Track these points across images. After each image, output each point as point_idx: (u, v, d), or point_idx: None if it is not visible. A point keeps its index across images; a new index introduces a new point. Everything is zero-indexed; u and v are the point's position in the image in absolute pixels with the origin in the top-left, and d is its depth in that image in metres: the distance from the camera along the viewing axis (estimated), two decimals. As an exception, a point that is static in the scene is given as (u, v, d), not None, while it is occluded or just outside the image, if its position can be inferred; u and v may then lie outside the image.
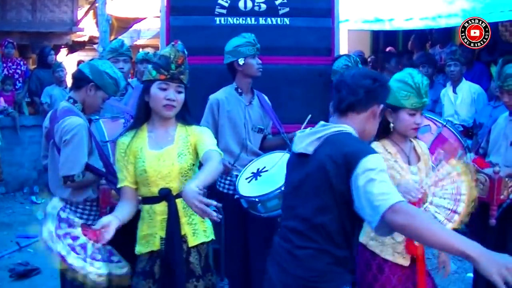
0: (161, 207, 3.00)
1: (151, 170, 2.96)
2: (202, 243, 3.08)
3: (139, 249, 3.09)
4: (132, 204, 3.07)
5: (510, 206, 3.88)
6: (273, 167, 4.08)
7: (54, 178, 3.57)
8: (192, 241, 3.04)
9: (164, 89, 2.96)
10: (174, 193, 2.98)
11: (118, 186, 3.11)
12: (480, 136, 5.33)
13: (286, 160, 4.06)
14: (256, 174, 4.17)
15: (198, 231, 3.06)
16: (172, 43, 3.04)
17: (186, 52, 3.02)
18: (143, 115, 3.07)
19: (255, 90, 4.53)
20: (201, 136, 3.04)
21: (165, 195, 2.98)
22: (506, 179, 3.83)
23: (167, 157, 2.98)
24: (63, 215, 3.20)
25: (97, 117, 4.37)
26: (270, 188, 3.87)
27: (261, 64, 4.38)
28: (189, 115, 3.11)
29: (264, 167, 4.17)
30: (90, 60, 3.87)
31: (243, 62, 4.32)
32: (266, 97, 4.60)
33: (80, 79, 3.64)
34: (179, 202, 2.97)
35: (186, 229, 3.02)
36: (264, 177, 4.09)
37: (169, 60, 2.96)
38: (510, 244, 4.08)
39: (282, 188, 3.78)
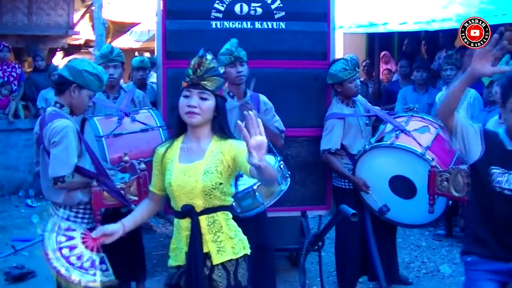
0: (186, 223, 2.91)
1: (176, 184, 2.88)
2: (230, 260, 2.92)
3: (170, 261, 3.04)
4: (153, 205, 3.14)
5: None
6: None
7: (46, 183, 3.57)
8: (217, 259, 2.90)
9: (187, 97, 2.87)
10: (198, 210, 2.88)
11: (149, 188, 3.16)
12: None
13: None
14: (239, 176, 4.19)
15: (223, 248, 2.92)
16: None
17: (208, 57, 2.93)
18: (178, 127, 2.99)
19: (251, 92, 4.54)
20: (240, 152, 2.80)
21: (188, 211, 2.89)
22: None
23: (193, 173, 2.86)
24: (63, 225, 3.24)
25: (91, 115, 4.40)
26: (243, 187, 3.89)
27: (242, 72, 4.37)
28: (225, 125, 2.96)
29: None
30: (68, 61, 3.86)
31: (223, 70, 4.31)
32: (264, 97, 4.60)
33: (61, 83, 3.64)
34: (203, 219, 2.88)
35: (210, 247, 2.90)
36: (245, 179, 4.01)
37: (189, 66, 2.90)
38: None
39: (254, 187, 3.90)
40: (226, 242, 2.93)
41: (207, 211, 2.88)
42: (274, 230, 4.67)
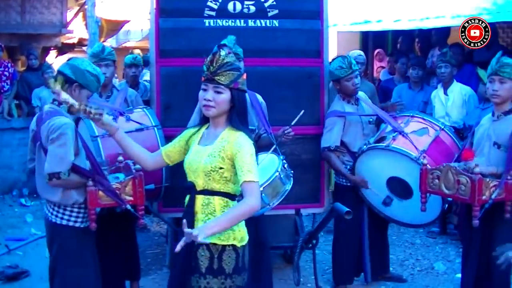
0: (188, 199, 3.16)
1: (187, 162, 3.14)
2: (214, 244, 3.02)
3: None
4: (149, 157, 3.33)
5: (492, 206, 3.91)
6: (258, 168, 4.10)
7: (42, 181, 3.55)
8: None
9: (205, 90, 3.07)
10: (198, 189, 3.08)
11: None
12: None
13: (269, 161, 4.12)
14: None
15: None
16: None
17: (222, 53, 3.05)
18: (203, 116, 3.21)
19: (249, 91, 4.53)
20: (238, 155, 2.99)
21: (189, 187, 3.11)
22: (487, 179, 3.87)
23: (201, 154, 3.08)
24: None
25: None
26: None
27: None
28: (238, 117, 3.10)
29: None
30: (68, 60, 3.84)
31: None
32: (259, 96, 4.60)
33: (63, 81, 3.63)
34: (199, 198, 3.08)
35: (199, 226, 2.99)
36: None
37: (205, 62, 3.07)
38: (494, 244, 4.11)
39: (261, 189, 3.83)
40: None
41: (205, 192, 3.07)
42: (269, 228, 4.67)
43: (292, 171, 4.27)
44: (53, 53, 13.70)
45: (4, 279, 5.52)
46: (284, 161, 4.21)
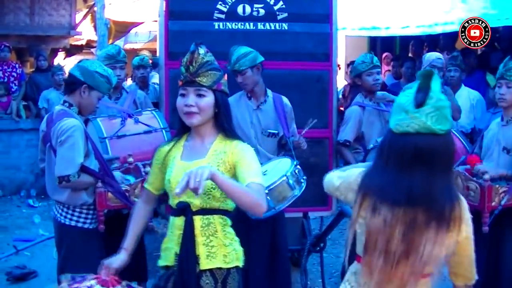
0: (180, 222, 2.74)
1: (174, 181, 2.68)
2: (219, 268, 2.74)
3: (159, 261, 2.91)
4: (147, 207, 3.01)
5: (501, 213, 3.90)
6: (270, 171, 4.10)
7: (51, 182, 3.58)
8: (205, 264, 2.72)
9: (183, 95, 2.71)
10: (194, 209, 2.70)
11: (144, 185, 3.02)
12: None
13: (282, 165, 4.11)
14: None
15: (214, 254, 2.73)
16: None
17: (201, 51, 2.73)
18: (181, 126, 2.83)
19: (273, 93, 4.56)
20: (242, 161, 2.67)
21: (183, 209, 2.72)
22: (497, 185, 3.85)
23: None
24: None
25: (93, 116, 4.40)
26: None
27: (242, 82, 4.39)
28: (228, 124, 2.79)
29: (266, 170, 4.17)
30: (79, 62, 3.86)
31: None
32: (285, 99, 4.60)
33: (72, 83, 3.66)
34: (197, 219, 2.71)
35: (200, 250, 2.72)
36: None
37: (182, 63, 2.73)
38: (503, 250, 4.10)
39: (266, 191, 3.82)
40: (219, 249, 2.75)
41: (203, 211, 2.71)
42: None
43: (305, 177, 4.23)
44: (61, 54, 13.76)
45: (12, 280, 5.54)
46: (298, 166, 4.18)
